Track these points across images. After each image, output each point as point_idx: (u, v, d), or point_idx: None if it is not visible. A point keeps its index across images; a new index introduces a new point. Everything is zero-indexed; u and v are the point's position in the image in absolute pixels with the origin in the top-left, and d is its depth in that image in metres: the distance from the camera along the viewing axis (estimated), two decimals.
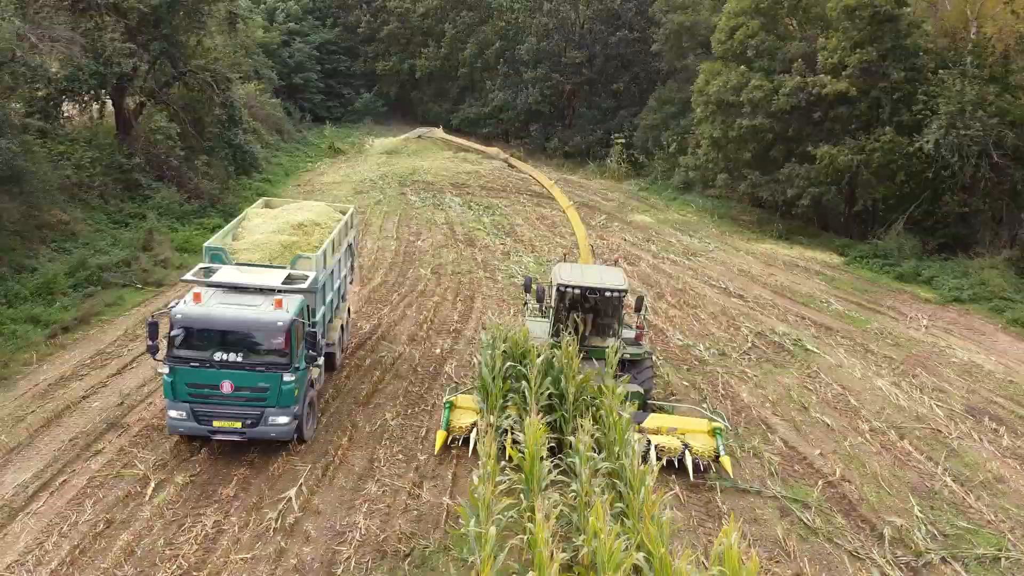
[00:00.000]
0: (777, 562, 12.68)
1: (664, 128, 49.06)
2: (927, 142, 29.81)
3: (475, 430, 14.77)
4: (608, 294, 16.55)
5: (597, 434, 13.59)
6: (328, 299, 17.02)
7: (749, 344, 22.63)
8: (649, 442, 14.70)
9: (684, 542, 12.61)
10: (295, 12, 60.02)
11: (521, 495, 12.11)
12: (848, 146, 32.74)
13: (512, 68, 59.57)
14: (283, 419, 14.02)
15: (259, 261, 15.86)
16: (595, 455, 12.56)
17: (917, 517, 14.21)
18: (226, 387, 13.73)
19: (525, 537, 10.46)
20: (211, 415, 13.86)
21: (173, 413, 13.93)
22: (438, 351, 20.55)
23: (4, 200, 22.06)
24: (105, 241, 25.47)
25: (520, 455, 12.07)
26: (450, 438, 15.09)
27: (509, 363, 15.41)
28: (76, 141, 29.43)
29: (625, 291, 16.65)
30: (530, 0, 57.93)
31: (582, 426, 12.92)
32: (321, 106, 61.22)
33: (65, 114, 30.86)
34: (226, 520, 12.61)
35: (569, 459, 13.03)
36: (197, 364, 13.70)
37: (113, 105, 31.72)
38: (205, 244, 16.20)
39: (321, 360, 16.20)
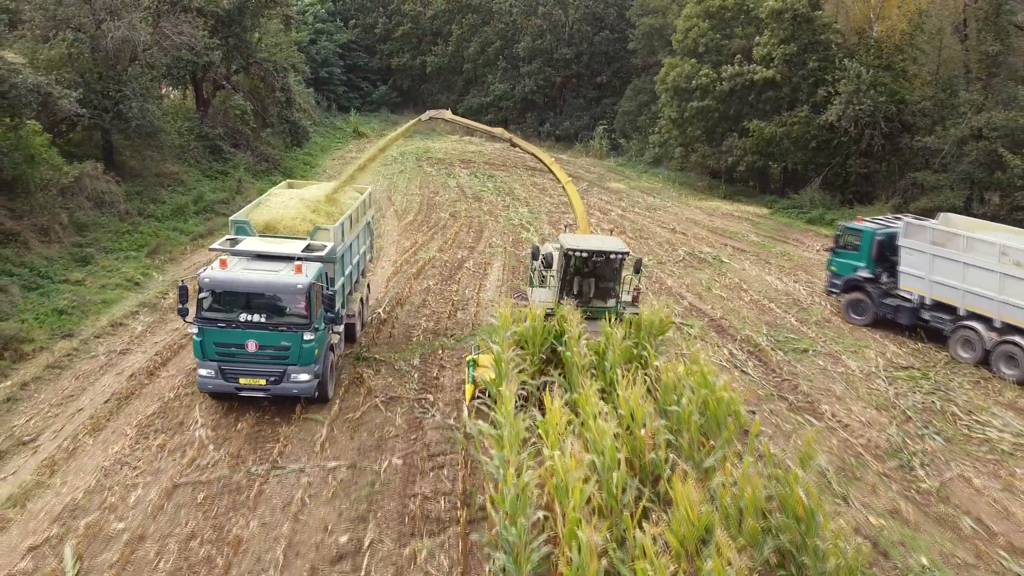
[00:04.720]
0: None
1: (639, 114, 57.85)
2: (831, 115, 38.46)
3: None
4: (612, 256, 17.66)
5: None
6: (347, 272, 17.83)
7: (681, 258, 31.38)
8: None
9: None
10: (322, 14, 68.41)
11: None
12: (774, 122, 41.44)
13: (510, 63, 68.33)
14: (304, 376, 14.80)
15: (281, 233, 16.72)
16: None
17: (763, 333, 22.91)
18: (251, 346, 14.52)
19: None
20: (237, 373, 14.69)
21: (203, 371, 14.75)
22: (459, 256, 29.28)
23: (147, 151, 30.76)
24: (206, 188, 34.13)
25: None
26: (476, 391, 16.09)
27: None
28: (177, 115, 38.10)
29: (627, 254, 17.75)
30: (526, 4, 66.66)
31: None
32: (343, 97, 69.20)
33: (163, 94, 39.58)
34: None
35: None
36: (224, 325, 14.49)
37: (194, 88, 40.35)
38: (231, 218, 17.18)
39: (341, 328, 17.17)
